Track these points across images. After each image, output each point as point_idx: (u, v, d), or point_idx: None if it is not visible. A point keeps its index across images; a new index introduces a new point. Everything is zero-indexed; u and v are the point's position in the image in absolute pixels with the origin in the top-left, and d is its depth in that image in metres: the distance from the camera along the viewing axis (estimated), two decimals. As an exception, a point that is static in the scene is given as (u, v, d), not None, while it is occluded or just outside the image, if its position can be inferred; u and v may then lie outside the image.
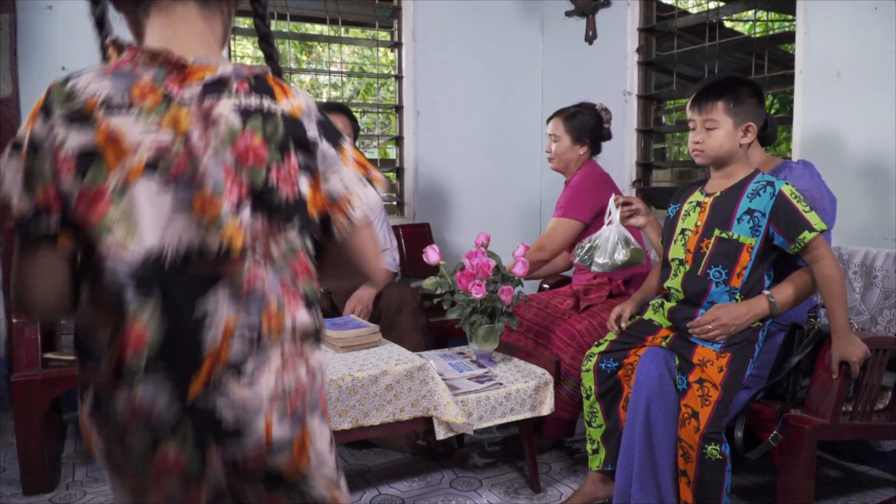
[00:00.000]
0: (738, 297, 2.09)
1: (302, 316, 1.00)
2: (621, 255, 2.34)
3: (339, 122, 2.94)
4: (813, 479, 2.04)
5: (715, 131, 2.09)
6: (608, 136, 3.01)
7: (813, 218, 2.01)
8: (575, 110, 2.94)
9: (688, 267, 2.16)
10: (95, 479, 2.58)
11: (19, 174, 0.91)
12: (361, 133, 3.76)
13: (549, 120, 2.99)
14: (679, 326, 2.17)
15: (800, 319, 2.18)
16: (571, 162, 2.96)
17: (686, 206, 2.22)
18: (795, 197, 2.03)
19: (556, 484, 2.57)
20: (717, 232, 2.11)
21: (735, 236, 2.07)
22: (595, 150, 2.99)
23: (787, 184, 2.05)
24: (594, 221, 2.78)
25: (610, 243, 2.36)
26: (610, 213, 2.38)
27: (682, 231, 2.20)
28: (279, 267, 0.98)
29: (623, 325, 2.38)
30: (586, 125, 2.92)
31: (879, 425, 2.17)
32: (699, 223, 2.15)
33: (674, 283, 2.20)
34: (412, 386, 2.19)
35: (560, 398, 2.54)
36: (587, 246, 2.42)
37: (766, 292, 2.08)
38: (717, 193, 2.14)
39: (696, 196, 2.21)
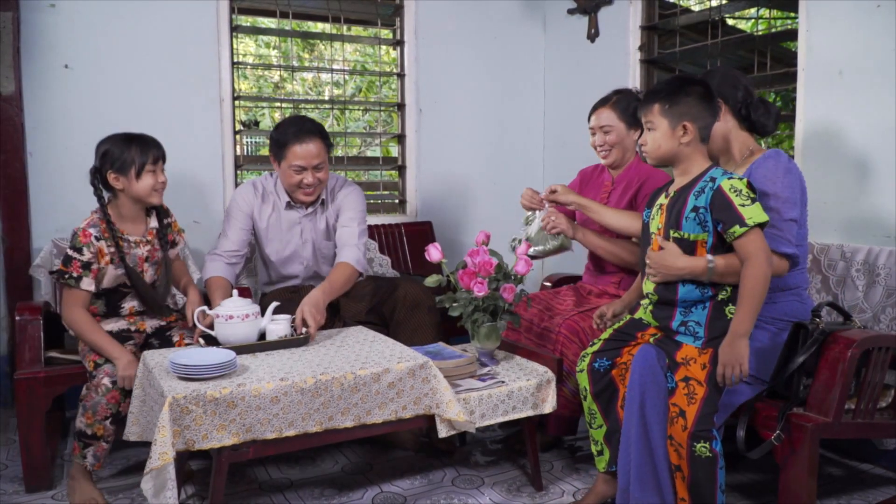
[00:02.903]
0: (708, 288, 2.07)
1: None
2: (552, 243, 2.75)
3: (314, 146, 2.81)
4: (815, 477, 2.04)
5: (653, 132, 2.12)
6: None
7: (749, 212, 1.97)
8: (617, 97, 2.83)
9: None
10: (98, 477, 2.59)
11: None
12: (363, 131, 3.73)
13: (591, 113, 2.86)
14: (662, 326, 2.18)
15: (800, 317, 2.17)
16: (628, 150, 2.85)
17: (654, 209, 2.23)
18: (734, 191, 1.99)
19: (558, 482, 2.57)
20: (671, 232, 2.11)
21: (686, 235, 2.07)
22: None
23: (729, 179, 2.02)
24: None
25: (541, 232, 2.75)
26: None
27: (651, 234, 2.21)
28: None
29: (607, 323, 2.39)
30: (630, 108, 2.78)
31: (882, 423, 2.17)
32: (660, 225, 2.16)
33: (648, 287, 2.22)
34: (414, 384, 2.19)
35: (562, 395, 2.54)
36: (521, 238, 2.75)
37: (709, 256, 2.05)
38: (672, 194, 2.15)
39: (661, 198, 2.21)
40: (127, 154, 2.42)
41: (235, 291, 2.50)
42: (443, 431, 2.23)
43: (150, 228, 2.57)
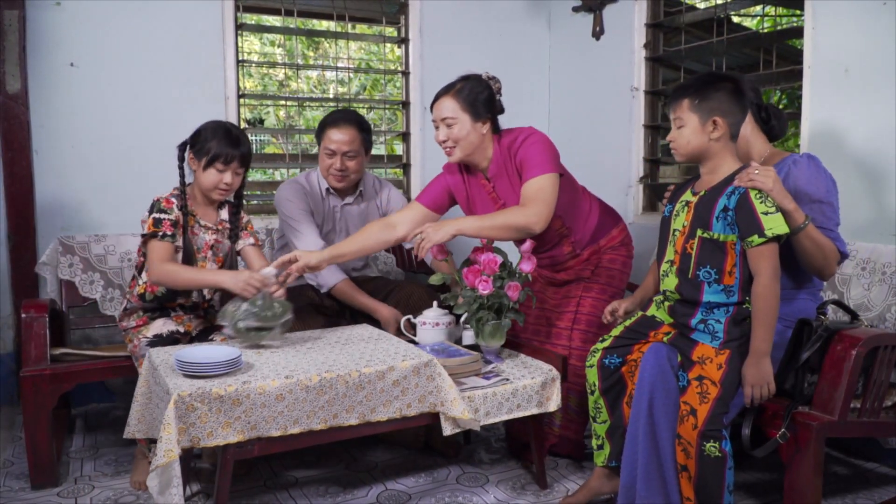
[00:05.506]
0: (735, 294, 2.07)
1: None
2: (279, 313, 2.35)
3: (346, 134, 2.89)
4: (821, 476, 2.04)
5: (683, 129, 2.11)
6: (502, 110, 2.58)
7: (770, 222, 1.96)
8: (462, 84, 2.50)
9: (676, 268, 2.16)
10: (103, 474, 2.60)
11: None
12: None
13: (432, 105, 2.55)
14: (679, 323, 2.17)
15: (808, 316, 2.17)
16: (477, 146, 2.52)
17: (678, 206, 2.21)
18: (759, 198, 1.99)
19: (563, 480, 2.57)
20: (699, 232, 2.10)
21: (716, 235, 2.06)
22: (495, 127, 2.56)
23: None
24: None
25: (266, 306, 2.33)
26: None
27: (674, 231, 2.20)
28: None
29: (619, 319, 2.38)
30: (480, 97, 2.48)
31: (887, 422, 2.16)
32: (685, 223, 2.15)
33: (667, 285, 2.20)
34: (419, 382, 2.19)
35: (566, 416, 2.53)
36: (241, 309, 2.32)
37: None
38: (702, 192, 2.13)
39: (687, 195, 2.19)
40: (209, 142, 2.46)
41: (435, 303, 2.70)
42: (447, 429, 2.23)
43: (221, 220, 2.64)
